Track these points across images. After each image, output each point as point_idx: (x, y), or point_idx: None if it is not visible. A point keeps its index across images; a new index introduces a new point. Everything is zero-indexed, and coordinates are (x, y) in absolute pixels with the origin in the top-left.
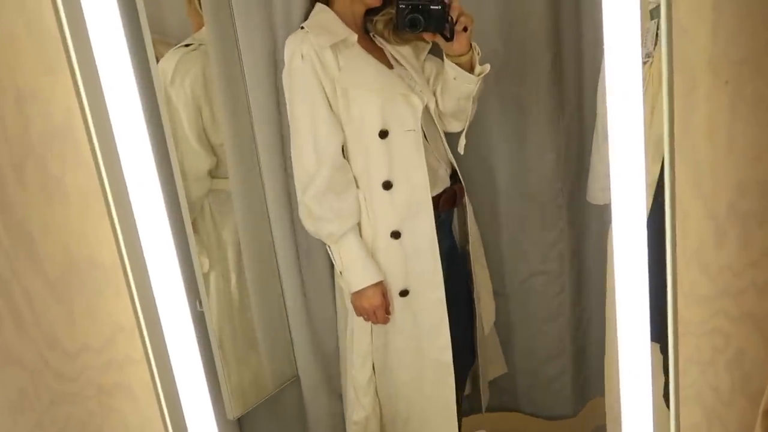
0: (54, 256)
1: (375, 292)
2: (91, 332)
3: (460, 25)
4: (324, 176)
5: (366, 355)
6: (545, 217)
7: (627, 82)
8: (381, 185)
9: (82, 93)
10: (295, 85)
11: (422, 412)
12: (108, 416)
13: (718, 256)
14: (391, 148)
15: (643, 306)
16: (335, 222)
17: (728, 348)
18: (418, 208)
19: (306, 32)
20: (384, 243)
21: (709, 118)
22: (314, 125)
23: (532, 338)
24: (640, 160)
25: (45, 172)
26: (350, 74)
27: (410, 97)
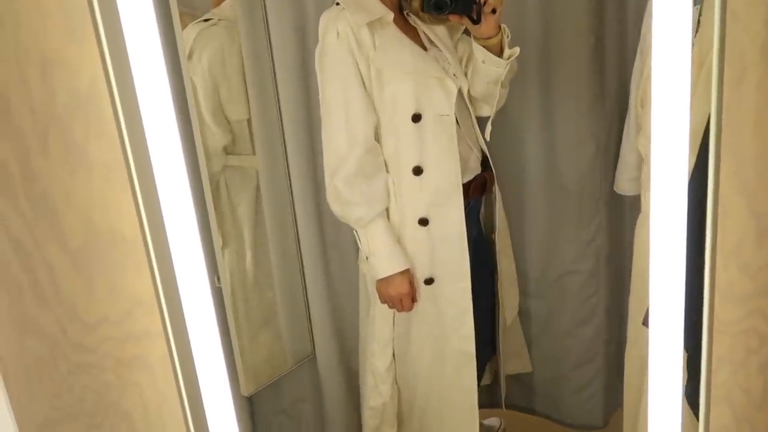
0: (76, 227)
1: (402, 279)
2: (111, 305)
3: (488, 6)
4: (355, 159)
5: (387, 342)
6: (582, 212)
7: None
8: (411, 170)
9: (108, 62)
10: (328, 63)
11: (441, 402)
12: (125, 389)
13: (759, 255)
14: (423, 132)
15: (678, 306)
16: (364, 206)
17: (763, 349)
18: (448, 195)
19: (342, 8)
20: (411, 230)
21: (757, 110)
22: (347, 105)
23: (563, 341)
24: (683, 156)
25: (69, 141)
26: (385, 55)
27: (445, 81)
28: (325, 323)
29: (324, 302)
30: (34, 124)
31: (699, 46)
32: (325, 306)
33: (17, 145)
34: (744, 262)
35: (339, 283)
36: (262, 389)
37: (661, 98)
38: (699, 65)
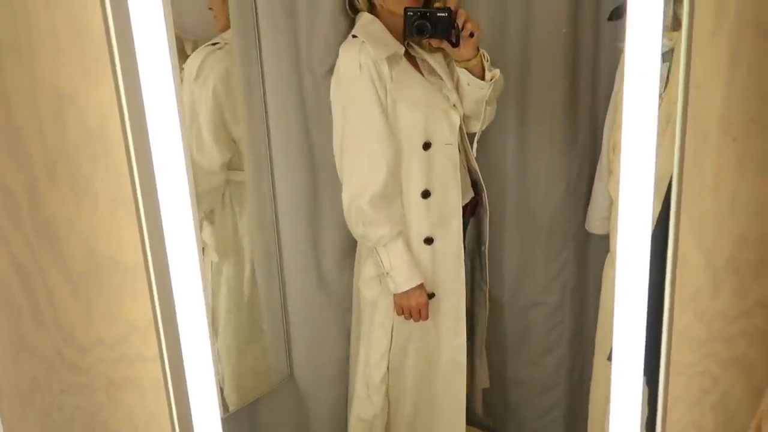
0: (77, 254)
1: (421, 292)
2: (107, 329)
3: (466, 31)
4: (380, 182)
5: (384, 353)
6: (550, 247)
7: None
8: (420, 194)
9: (123, 100)
10: (352, 94)
11: (430, 412)
12: (115, 409)
13: (714, 304)
14: (431, 159)
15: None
16: (387, 226)
17: (715, 389)
18: (449, 216)
19: (362, 42)
20: (416, 248)
21: (715, 172)
22: (373, 133)
23: (528, 368)
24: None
25: (76, 174)
26: (401, 87)
27: (449, 112)
28: (303, 344)
29: (304, 324)
30: (44, 155)
31: (668, 99)
32: (305, 328)
33: (26, 174)
34: (700, 310)
35: (320, 303)
36: (239, 409)
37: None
38: (666, 119)
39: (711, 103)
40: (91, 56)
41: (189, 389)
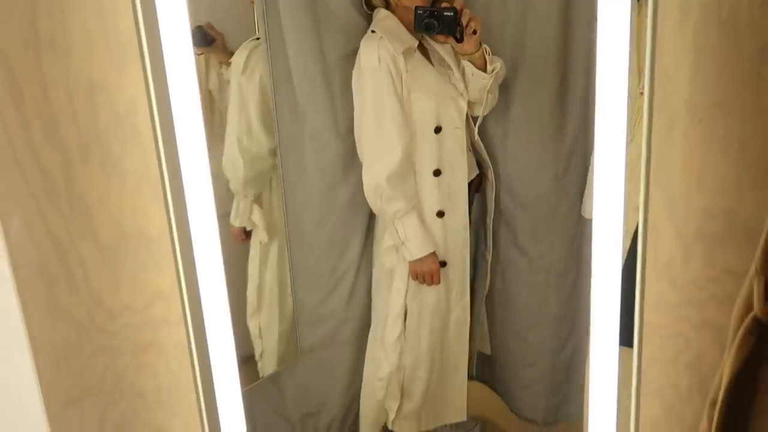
0: (107, 227)
1: (433, 259)
2: (133, 296)
3: (469, 28)
4: (397, 162)
5: (398, 315)
6: (536, 231)
7: (613, 114)
8: (432, 173)
9: (151, 87)
10: (371, 85)
11: (442, 370)
12: (141, 370)
13: (685, 271)
14: (442, 142)
15: (615, 310)
16: (402, 201)
17: (688, 351)
18: (457, 192)
19: (380, 37)
20: (430, 221)
21: (683, 152)
22: (391, 119)
23: (516, 341)
24: (620, 183)
25: (106, 154)
26: (414, 78)
27: (458, 100)
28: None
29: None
30: (77, 138)
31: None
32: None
33: (62, 156)
34: (673, 277)
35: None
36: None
37: (603, 134)
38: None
39: (678, 89)
40: (120, 49)
41: (210, 351)
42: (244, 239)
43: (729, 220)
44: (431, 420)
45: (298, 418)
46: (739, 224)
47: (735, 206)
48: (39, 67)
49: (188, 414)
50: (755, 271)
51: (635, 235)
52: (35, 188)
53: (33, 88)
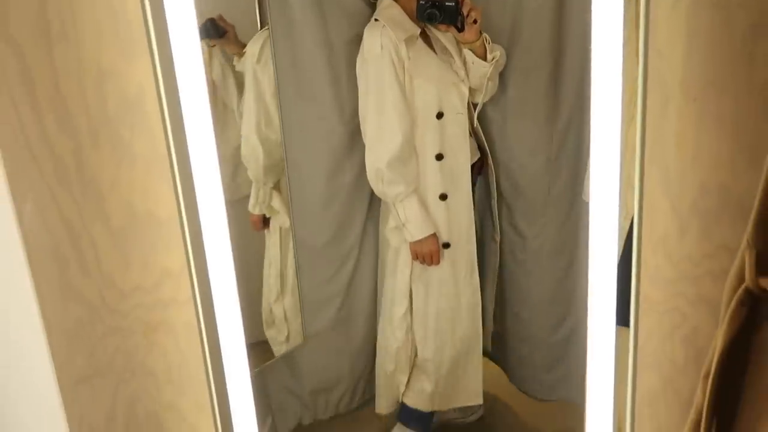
0: (118, 209)
1: (432, 240)
2: (143, 276)
3: (470, 18)
4: (396, 147)
5: (404, 294)
6: (528, 212)
7: (609, 95)
8: (435, 157)
9: (159, 73)
10: (374, 72)
11: (453, 350)
12: (151, 350)
13: (681, 246)
14: (444, 127)
15: (611, 287)
16: (402, 184)
17: (684, 325)
18: (460, 175)
19: (383, 25)
20: (433, 204)
21: (678, 129)
22: (392, 106)
23: (510, 318)
24: (616, 163)
25: (116, 138)
26: (416, 66)
27: (459, 86)
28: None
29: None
30: (88, 124)
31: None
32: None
33: (73, 141)
34: (669, 252)
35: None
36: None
37: (598, 119)
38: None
39: (673, 69)
40: (129, 37)
41: (219, 330)
42: (262, 227)
43: (723, 195)
44: (445, 401)
45: (308, 393)
46: (734, 200)
47: (729, 182)
48: (50, 56)
49: (198, 392)
50: (746, 244)
51: (632, 221)
52: (47, 173)
53: (44, 76)
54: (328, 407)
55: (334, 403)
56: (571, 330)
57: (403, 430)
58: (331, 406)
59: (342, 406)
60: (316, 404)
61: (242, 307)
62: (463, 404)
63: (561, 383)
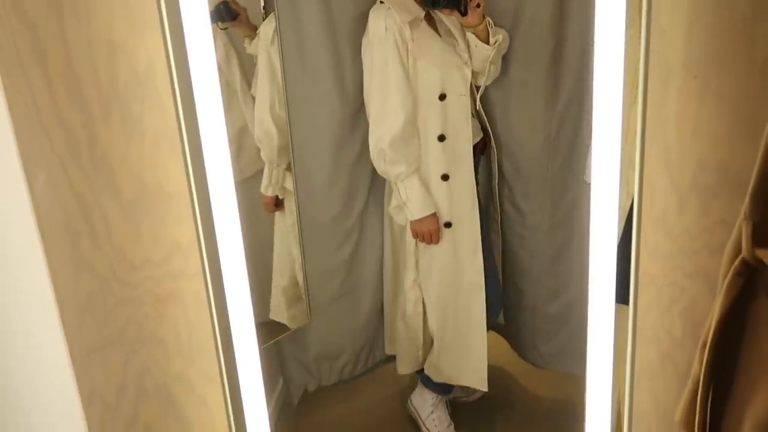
0: (128, 183)
1: (432, 220)
2: (153, 249)
3: (473, 2)
4: (398, 127)
5: (412, 264)
6: (528, 190)
7: (611, 77)
8: (437, 138)
9: (170, 48)
10: (378, 53)
11: (455, 328)
12: (161, 321)
13: (680, 221)
14: (446, 108)
15: (611, 265)
16: (404, 164)
17: (683, 298)
18: (462, 156)
19: (388, 8)
20: (435, 184)
21: (678, 106)
22: (395, 87)
23: (511, 289)
24: (617, 144)
25: (126, 113)
26: (420, 47)
27: (462, 68)
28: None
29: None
30: (99, 97)
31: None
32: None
33: (85, 115)
34: (668, 227)
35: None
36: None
37: (599, 99)
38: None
39: (674, 47)
40: (140, 12)
41: (228, 302)
42: (275, 209)
43: (722, 172)
44: (452, 377)
45: (313, 362)
46: (732, 176)
47: (728, 158)
48: (62, 30)
49: (207, 363)
50: (743, 216)
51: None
52: (59, 147)
53: (56, 51)
54: (332, 374)
55: (338, 371)
56: (568, 303)
57: (422, 391)
58: (335, 374)
59: (345, 373)
60: (320, 372)
61: (250, 285)
62: (468, 385)
63: (560, 354)
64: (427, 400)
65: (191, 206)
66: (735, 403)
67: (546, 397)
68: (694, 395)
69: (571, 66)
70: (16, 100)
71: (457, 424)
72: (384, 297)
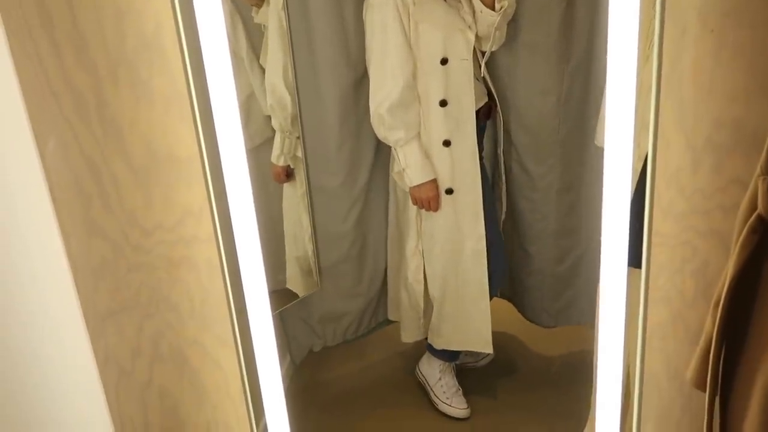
0: (138, 148)
1: (431, 186)
2: (165, 214)
3: None
4: (397, 93)
5: (414, 229)
6: (539, 151)
7: (625, 34)
8: (438, 103)
9: (177, 9)
10: (378, 18)
11: (457, 293)
12: (174, 285)
13: (694, 180)
14: (448, 73)
15: (623, 226)
16: (402, 130)
17: (695, 258)
18: (465, 122)
19: None
20: (437, 150)
21: (694, 61)
22: (391, 52)
23: (519, 253)
24: (631, 103)
25: (135, 77)
26: (422, 11)
27: (466, 32)
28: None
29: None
30: (107, 60)
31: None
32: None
33: (93, 77)
34: (681, 185)
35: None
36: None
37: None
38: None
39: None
40: None
41: (240, 266)
42: (285, 179)
43: (737, 129)
44: (454, 343)
45: (318, 323)
46: (747, 134)
47: (743, 116)
48: None
49: (220, 326)
50: (760, 171)
51: (645, 162)
52: (68, 111)
53: (62, 14)
54: (336, 335)
55: (341, 332)
56: (575, 261)
57: (429, 358)
58: (338, 335)
59: (349, 334)
60: (325, 333)
61: (273, 253)
62: (473, 349)
63: (566, 310)
64: (434, 367)
65: (202, 171)
66: (747, 362)
67: (555, 360)
68: (707, 353)
69: (584, 26)
70: (24, 62)
71: (466, 390)
72: (388, 263)
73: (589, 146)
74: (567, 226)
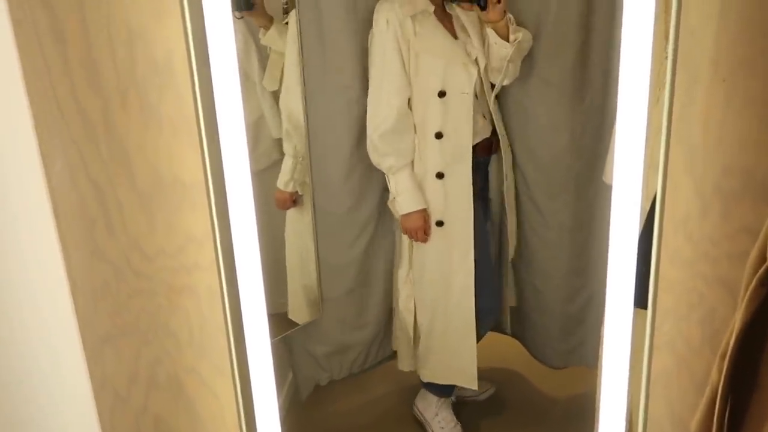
0: (144, 172)
1: (419, 216)
2: (168, 240)
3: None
4: (391, 121)
5: (407, 257)
6: (551, 188)
7: (637, 76)
8: (434, 135)
9: (189, 35)
10: (378, 46)
11: (444, 326)
12: (174, 312)
13: (702, 227)
14: (446, 106)
15: (630, 267)
16: (393, 157)
17: (701, 305)
18: (460, 155)
19: (392, 1)
20: (430, 181)
21: (705, 109)
22: (388, 80)
23: (532, 291)
24: (641, 144)
25: (144, 101)
26: (422, 42)
27: (468, 66)
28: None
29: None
30: (117, 84)
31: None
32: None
33: (102, 101)
34: (689, 232)
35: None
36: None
37: (624, 99)
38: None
39: (703, 48)
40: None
41: (241, 296)
42: (291, 206)
43: (746, 178)
44: (439, 376)
45: (324, 356)
46: (757, 183)
47: (753, 165)
48: (81, 15)
49: (218, 356)
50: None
51: (653, 202)
52: (76, 133)
53: (75, 35)
54: (343, 369)
55: (348, 365)
56: (586, 301)
57: (425, 393)
58: (345, 368)
59: (356, 367)
60: (331, 366)
61: (273, 280)
62: (458, 384)
63: (575, 350)
64: (430, 403)
65: (206, 197)
66: (753, 416)
67: (559, 400)
68: (712, 406)
69: (598, 65)
70: (35, 83)
71: (465, 424)
72: (393, 292)
73: (600, 185)
74: (578, 265)
